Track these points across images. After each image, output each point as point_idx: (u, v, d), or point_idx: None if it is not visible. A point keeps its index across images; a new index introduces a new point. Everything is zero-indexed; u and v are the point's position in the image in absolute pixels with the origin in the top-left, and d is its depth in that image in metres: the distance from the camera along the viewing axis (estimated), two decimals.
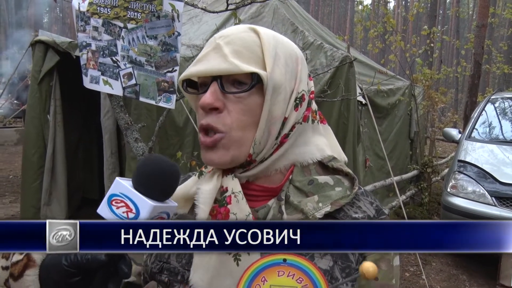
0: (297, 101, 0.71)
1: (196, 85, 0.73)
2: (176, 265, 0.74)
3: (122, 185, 0.60)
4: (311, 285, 0.63)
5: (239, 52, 0.67)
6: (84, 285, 0.63)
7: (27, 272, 0.67)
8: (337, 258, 0.69)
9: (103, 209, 0.61)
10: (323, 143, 0.78)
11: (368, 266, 0.58)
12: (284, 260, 0.64)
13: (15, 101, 10.62)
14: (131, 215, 0.59)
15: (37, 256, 0.67)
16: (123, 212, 0.59)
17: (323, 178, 0.74)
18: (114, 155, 4.06)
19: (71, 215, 4.75)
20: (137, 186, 0.60)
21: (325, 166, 0.76)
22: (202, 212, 0.69)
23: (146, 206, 0.58)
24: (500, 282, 3.44)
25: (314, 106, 0.78)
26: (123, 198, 0.59)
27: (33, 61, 4.19)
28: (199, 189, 0.71)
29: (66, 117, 4.45)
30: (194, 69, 0.69)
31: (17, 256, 0.69)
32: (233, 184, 0.70)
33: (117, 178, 0.61)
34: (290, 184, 0.73)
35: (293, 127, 0.71)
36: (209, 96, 0.66)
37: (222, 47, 0.67)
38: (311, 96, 0.75)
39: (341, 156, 0.82)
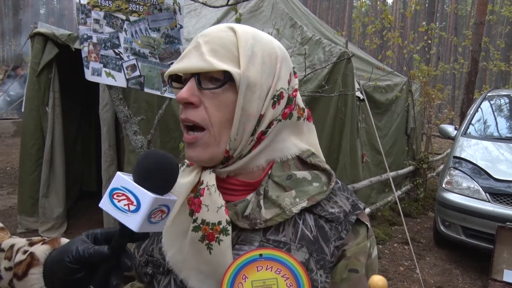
0: (275, 99, 0.72)
1: (182, 79, 0.76)
2: (159, 258, 0.78)
3: (123, 179, 0.61)
4: (289, 274, 0.67)
5: (215, 50, 0.69)
6: (87, 280, 0.64)
7: (31, 270, 0.67)
8: (313, 250, 0.71)
9: (105, 203, 0.62)
10: (300, 139, 0.80)
11: (377, 280, 0.60)
12: (260, 255, 0.68)
13: (11, 93, 10.57)
14: (132, 207, 0.60)
15: (41, 254, 0.68)
16: (125, 205, 0.60)
17: (301, 173, 0.76)
18: (112, 147, 4.07)
19: (69, 207, 4.78)
20: (138, 180, 0.61)
21: (304, 162, 0.79)
22: (176, 205, 0.73)
23: (146, 199, 0.59)
24: (492, 276, 3.50)
25: (301, 103, 0.80)
26: (124, 191, 0.61)
27: (32, 53, 4.19)
28: (177, 182, 0.73)
29: (65, 109, 4.46)
30: (176, 67, 0.72)
31: (20, 256, 0.69)
32: (209, 178, 0.72)
33: (118, 173, 0.63)
34: (269, 179, 0.75)
35: (271, 124, 0.73)
36: (185, 91, 0.69)
37: (201, 45, 0.70)
38: (294, 93, 0.76)
39: (319, 153, 0.84)
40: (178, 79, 0.76)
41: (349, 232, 0.74)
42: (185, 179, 0.74)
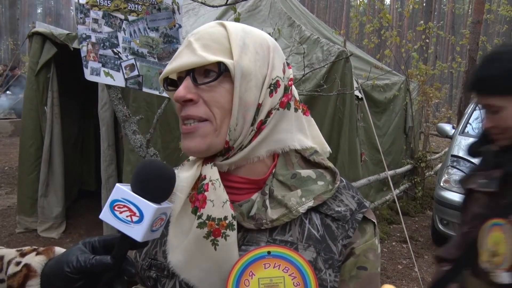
0: (271, 87, 0.73)
1: (176, 83, 0.76)
2: (163, 261, 0.76)
3: (123, 191, 0.62)
4: (297, 273, 0.66)
5: (207, 45, 0.70)
6: None
7: (28, 282, 0.66)
8: (320, 249, 0.71)
9: (106, 215, 0.62)
10: (303, 133, 0.81)
11: None
12: (269, 252, 0.67)
13: (8, 92, 10.55)
14: (135, 218, 0.61)
15: (37, 265, 0.67)
16: (127, 216, 0.61)
17: (305, 172, 0.76)
18: (111, 147, 4.07)
19: (68, 206, 4.77)
20: (137, 190, 0.62)
21: (307, 160, 0.79)
22: (178, 199, 0.72)
23: (149, 209, 0.60)
24: None
25: (297, 96, 0.81)
26: (126, 203, 0.61)
27: (30, 52, 4.19)
28: (178, 177, 0.72)
29: (64, 109, 4.46)
30: (169, 68, 0.72)
31: (13, 268, 0.68)
32: (212, 172, 0.71)
33: (117, 184, 0.63)
34: (274, 178, 0.75)
35: (269, 113, 0.73)
36: (181, 89, 0.70)
37: (193, 43, 0.71)
38: (289, 83, 0.77)
39: (324, 147, 0.84)
40: (173, 83, 0.77)
41: (356, 230, 0.74)
42: (186, 173, 0.73)
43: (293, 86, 0.79)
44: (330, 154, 0.88)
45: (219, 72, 0.69)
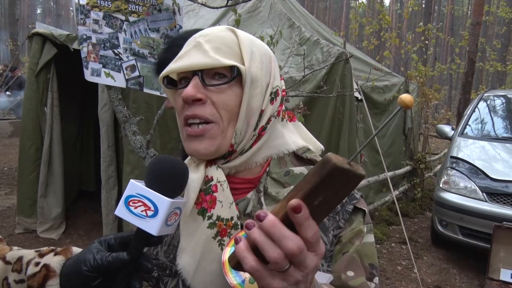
0: (272, 95, 0.76)
1: (175, 83, 0.77)
2: (164, 260, 0.78)
3: (138, 186, 0.63)
4: None
5: (218, 48, 0.71)
6: (103, 286, 0.65)
7: (48, 282, 0.67)
8: None
9: (121, 211, 0.63)
10: (295, 136, 0.84)
11: (405, 96, 0.57)
12: None
13: (7, 93, 10.54)
14: (150, 213, 0.61)
15: (56, 265, 0.68)
16: (142, 211, 0.62)
17: (298, 169, 0.78)
18: (111, 147, 4.07)
19: (68, 207, 4.77)
20: (151, 185, 0.63)
21: (299, 157, 0.82)
22: (191, 200, 0.73)
23: (164, 203, 0.61)
24: (489, 275, 3.51)
25: (283, 106, 0.83)
26: (140, 198, 0.62)
27: (30, 53, 4.19)
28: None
29: (63, 109, 4.46)
30: (175, 66, 0.72)
31: (32, 268, 0.69)
32: (218, 174, 0.74)
33: (132, 180, 0.64)
34: (268, 176, 0.78)
35: (269, 120, 0.76)
36: (191, 89, 0.70)
37: (203, 44, 0.71)
38: (283, 93, 0.81)
39: (317, 145, 0.87)
40: (171, 82, 0.77)
41: (346, 221, 0.77)
42: (195, 175, 0.74)
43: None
44: None
45: (231, 76, 0.71)
